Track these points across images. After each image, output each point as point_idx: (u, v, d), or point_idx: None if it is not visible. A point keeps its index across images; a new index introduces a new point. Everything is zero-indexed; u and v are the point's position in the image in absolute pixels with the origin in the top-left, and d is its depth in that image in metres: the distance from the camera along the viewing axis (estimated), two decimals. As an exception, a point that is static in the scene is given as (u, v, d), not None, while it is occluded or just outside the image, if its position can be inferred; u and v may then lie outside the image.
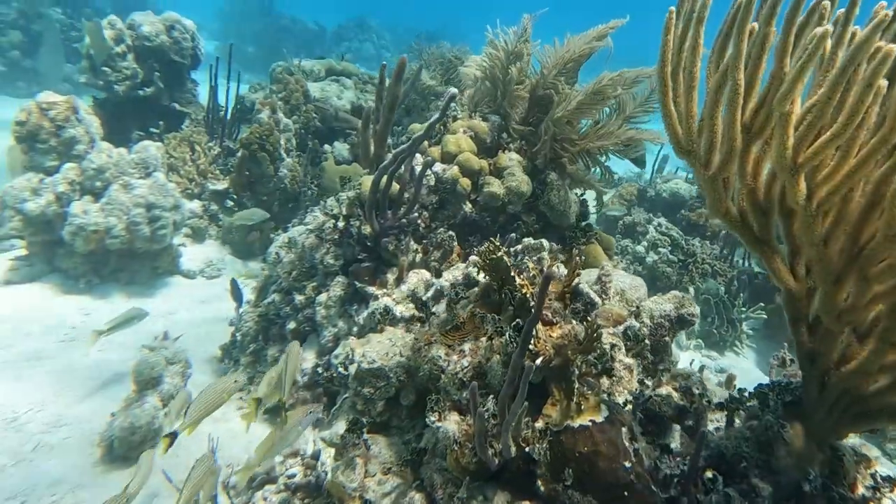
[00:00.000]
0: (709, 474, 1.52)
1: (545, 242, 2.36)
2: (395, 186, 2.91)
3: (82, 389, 2.84)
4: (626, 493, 1.39)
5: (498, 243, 1.78)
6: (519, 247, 2.40)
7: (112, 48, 5.67)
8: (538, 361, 1.45)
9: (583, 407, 1.52)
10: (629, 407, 1.66)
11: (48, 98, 4.05)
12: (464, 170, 3.06)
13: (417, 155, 3.20)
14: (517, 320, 1.59)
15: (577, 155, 3.28)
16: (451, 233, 2.98)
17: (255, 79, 6.50)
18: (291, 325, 2.98)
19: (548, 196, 3.12)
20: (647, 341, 1.90)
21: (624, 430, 1.55)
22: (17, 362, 2.99)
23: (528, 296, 1.61)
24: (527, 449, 1.50)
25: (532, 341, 1.52)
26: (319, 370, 2.79)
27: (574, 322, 1.64)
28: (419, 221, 2.98)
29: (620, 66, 2.90)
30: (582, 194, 3.37)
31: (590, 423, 1.50)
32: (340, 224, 3.01)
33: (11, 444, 2.33)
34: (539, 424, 1.53)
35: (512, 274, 1.74)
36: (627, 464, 1.45)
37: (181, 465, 2.41)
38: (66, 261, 4.03)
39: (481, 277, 2.34)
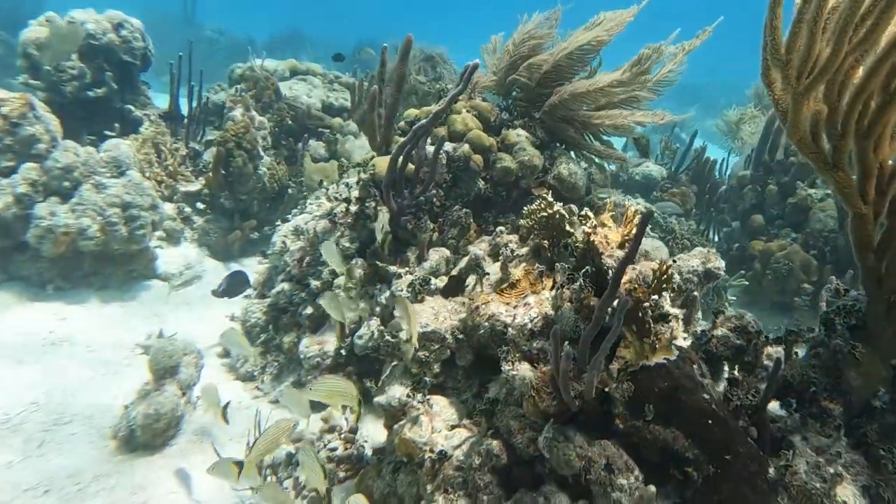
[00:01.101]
0: (775, 404, 1.59)
1: (573, 207, 2.39)
2: (409, 167, 2.87)
3: (76, 388, 2.60)
4: (709, 422, 1.42)
5: (550, 199, 1.78)
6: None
7: (75, 48, 5.27)
8: (615, 304, 1.46)
9: (657, 346, 1.54)
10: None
11: None
12: (475, 147, 3.05)
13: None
14: (586, 268, 1.60)
15: (584, 132, 3.36)
16: (466, 210, 2.96)
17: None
18: (308, 310, 2.86)
19: (557, 170, 3.17)
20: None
21: (695, 367, 1.59)
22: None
23: (595, 243, 1.62)
24: (606, 389, 1.51)
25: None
26: (343, 352, 2.70)
27: (639, 267, 1.66)
28: (434, 200, 2.94)
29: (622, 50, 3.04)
30: (586, 168, 3.45)
31: (665, 362, 1.53)
32: (353, 207, 2.93)
33: (13, 443, 2.14)
34: (614, 366, 1.54)
35: (568, 228, 1.75)
36: (706, 395, 1.49)
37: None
38: (29, 267, 3.67)
39: (513, 246, 2.34)
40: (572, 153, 3.45)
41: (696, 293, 2.16)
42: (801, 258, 4.70)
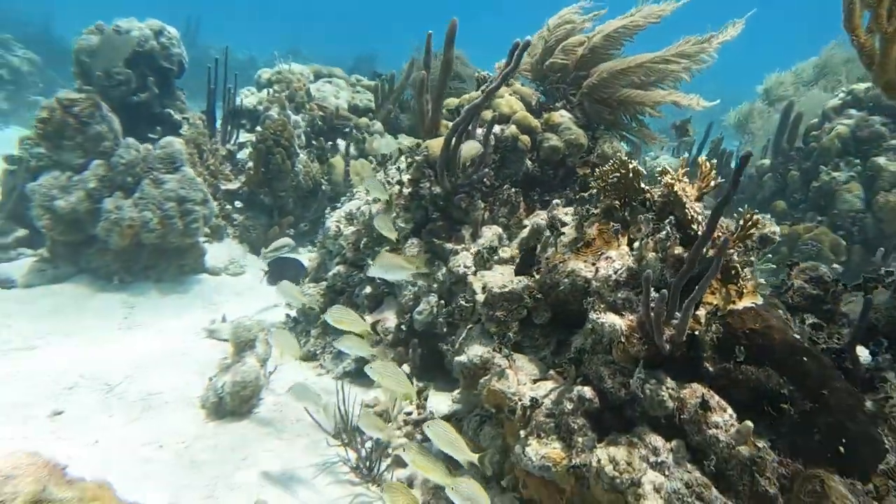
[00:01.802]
0: (860, 348, 1.62)
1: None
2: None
3: (158, 365, 2.74)
4: (804, 359, 1.46)
5: (625, 159, 1.85)
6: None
7: (125, 56, 5.50)
8: (708, 251, 1.51)
9: (744, 292, 1.59)
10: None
11: (69, 95, 3.91)
12: (521, 128, 3.12)
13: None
14: (670, 217, 1.66)
15: (622, 112, 3.41)
16: (516, 189, 3.03)
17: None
18: (367, 289, 2.96)
19: (601, 148, 3.22)
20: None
21: (780, 311, 1.64)
22: (87, 346, 2.88)
23: (678, 192, 1.67)
24: (695, 333, 1.56)
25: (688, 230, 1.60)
26: (403, 328, 2.79)
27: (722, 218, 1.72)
28: (485, 180, 3.02)
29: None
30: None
31: (753, 305, 1.58)
32: (407, 190, 3.02)
33: (121, 409, 2.31)
34: (699, 312, 1.59)
35: (642, 185, 1.81)
36: (797, 335, 1.53)
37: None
38: (97, 259, 3.85)
39: (569, 219, 2.41)
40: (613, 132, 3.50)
41: (752, 258, 2.20)
42: (829, 239, 4.72)
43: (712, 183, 1.70)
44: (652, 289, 1.51)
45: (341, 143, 7.40)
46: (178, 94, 6.96)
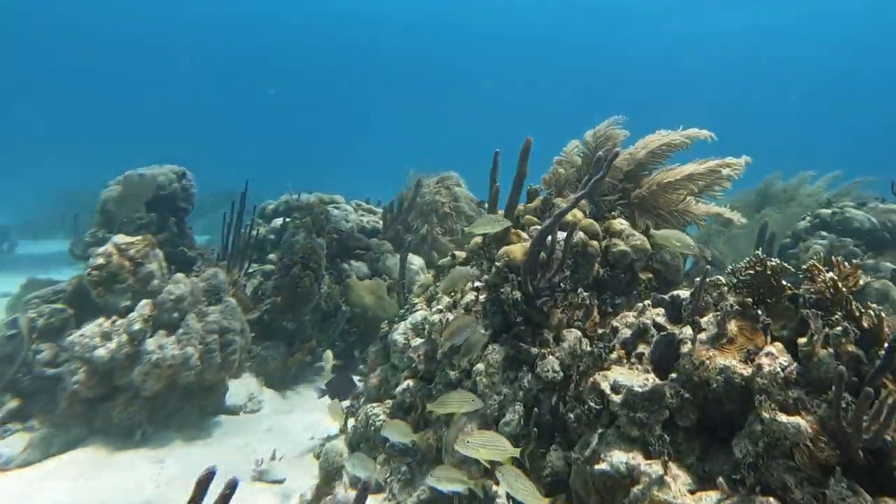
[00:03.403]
0: None
1: (721, 278, 2.46)
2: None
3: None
4: None
5: (763, 256, 1.88)
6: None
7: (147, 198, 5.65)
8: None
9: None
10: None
11: (125, 239, 3.83)
12: (588, 234, 3.23)
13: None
14: (839, 313, 1.63)
15: (667, 219, 3.60)
16: (590, 293, 3.02)
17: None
18: (449, 404, 2.72)
19: (660, 254, 3.32)
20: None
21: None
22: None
23: (842, 288, 1.65)
24: (888, 438, 1.44)
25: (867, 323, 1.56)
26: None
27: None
28: (562, 284, 3.01)
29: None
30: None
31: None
32: (483, 296, 2.98)
33: None
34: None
35: (783, 282, 1.82)
36: None
37: None
38: (119, 413, 3.40)
39: (662, 320, 2.39)
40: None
41: None
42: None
43: (861, 281, 1.73)
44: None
45: (354, 263, 7.46)
46: (189, 231, 7.01)
